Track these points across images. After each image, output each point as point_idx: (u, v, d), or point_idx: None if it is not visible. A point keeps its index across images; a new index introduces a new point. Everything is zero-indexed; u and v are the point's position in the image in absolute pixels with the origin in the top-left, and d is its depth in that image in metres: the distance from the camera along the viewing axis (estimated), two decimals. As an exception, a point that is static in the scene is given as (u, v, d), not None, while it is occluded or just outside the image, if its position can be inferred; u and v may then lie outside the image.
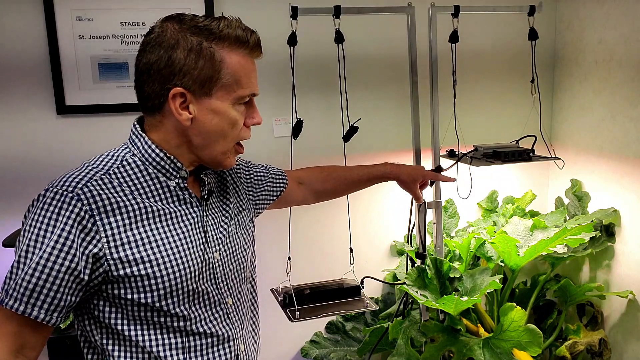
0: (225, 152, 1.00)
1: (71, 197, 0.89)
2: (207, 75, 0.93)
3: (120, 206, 0.92)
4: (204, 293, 1.00)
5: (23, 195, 1.82)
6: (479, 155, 1.86)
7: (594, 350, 1.93)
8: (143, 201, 0.95)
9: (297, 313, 1.65)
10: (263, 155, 2.00)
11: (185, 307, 0.97)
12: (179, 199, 1.00)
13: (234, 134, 0.99)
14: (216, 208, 1.08)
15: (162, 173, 0.98)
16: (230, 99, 0.96)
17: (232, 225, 1.10)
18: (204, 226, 1.02)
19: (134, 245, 0.92)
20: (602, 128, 2.05)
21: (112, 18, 1.81)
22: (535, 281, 2.12)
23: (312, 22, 1.81)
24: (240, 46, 0.95)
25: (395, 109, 2.13)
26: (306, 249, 2.09)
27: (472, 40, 2.14)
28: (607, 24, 2.00)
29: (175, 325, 0.97)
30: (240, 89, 0.96)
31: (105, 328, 0.96)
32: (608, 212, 2.00)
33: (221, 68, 0.94)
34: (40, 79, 1.80)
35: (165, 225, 0.96)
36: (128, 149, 0.99)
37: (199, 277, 0.99)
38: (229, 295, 1.06)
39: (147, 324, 0.96)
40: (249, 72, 0.97)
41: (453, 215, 2.17)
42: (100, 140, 1.87)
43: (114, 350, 0.97)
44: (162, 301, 0.94)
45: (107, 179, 0.94)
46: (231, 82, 0.95)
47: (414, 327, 1.80)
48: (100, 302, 0.94)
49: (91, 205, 0.90)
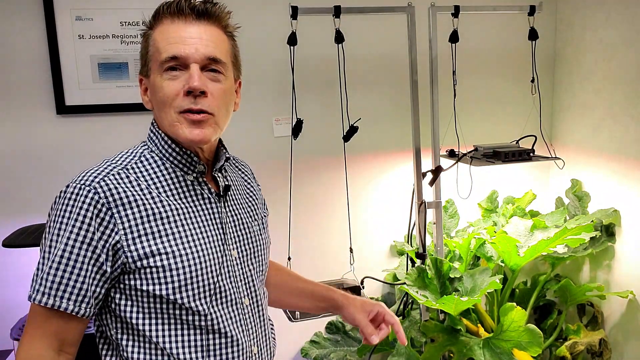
0: (171, 123, 0.96)
1: (88, 191, 0.91)
2: (144, 55, 0.99)
3: (137, 199, 0.93)
4: (221, 290, 1.00)
5: (23, 195, 1.82)
6: (479, 155, 1.86)
7: (594, 351, 1.93)
8: (159, 195, 0.96)
9: (297, 313, 1.65)
10: (263, 155, 2.01)
11: (201, 302, 0.97)
12: (197, 194, 1.00)
13: (168, 101, 0.95)
14: (239, 207, 1.08)
15: (179, 168, 0.99)
16: (156, 69, 0.96)
17: (255, 226, 1.10)
18: (221, 222, 1.02)
19: (150, 237, 0.93)
20: (602, 128, 2.05)
21: (112, 18, 1.81)
22: (536, 281, 2.12)
23: (312, 22, 1.81)
24: (164, 17, 0.96)
25: (395, 109, 2.12)
26: (306, 249, 2.09)
27: (472, 40, 2.13)
28: (607, 24, 2.00)
29: (190, 320, 0.97)
30: (161, 55, 0.95)
31: (120, 322, 0.97)
32: (608, 212, 2.00)
33: (149, 43, 0.97)
34: (40, 79, 1.80)
35: (182, 219, 0.97)
36: (146, 146, 1.02)
37: (216, 272, 0.99)
38: (245, 296, 1.05)
39: (162, 317, 0.96)
40: (169, 36, 0.95)
41: (453, 215, 2.17)
42: (100, 140, 1.87)
43: (128, 345, 0.97)
44: (177, 294, 0.94)
45: (124, 173, 0.95)
46: (154, 52, 0.96)
47: (414, 327, 1.80)
48: (117, 295, 0.95)
49: (108, 198, 0.91)
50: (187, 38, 0.94)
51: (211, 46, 0.96)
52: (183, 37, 0.94)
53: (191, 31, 0.95)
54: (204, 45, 0.95)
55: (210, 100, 0.95)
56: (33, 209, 1.82)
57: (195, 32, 0.95)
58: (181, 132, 0.95)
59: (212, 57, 0.96)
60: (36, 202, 1.82)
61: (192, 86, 0.93)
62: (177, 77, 0.94)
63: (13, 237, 1.60)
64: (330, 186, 2.10)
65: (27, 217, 1.79)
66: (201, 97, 0.94)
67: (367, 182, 2.14)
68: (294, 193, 1.87)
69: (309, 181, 2.08)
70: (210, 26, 0.97)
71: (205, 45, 0.95)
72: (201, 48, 0.94)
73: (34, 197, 1.82)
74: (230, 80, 1.01)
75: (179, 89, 0.94)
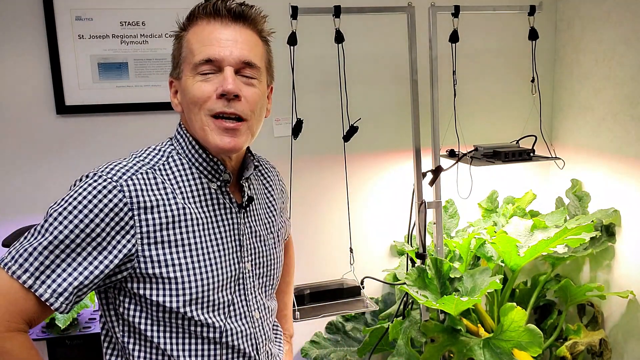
0: (201, 126, 0.93)
1: (114, 186, 0.87)
2: (176, 57, 0.96)
3: (160, 204, 0.91)
4: (231, 303, 0.98)
5: (23, 195, 1.82)
6: (479, 155, 1.86)
7: (595, 351, 1.93)
8: (182, 202, 0.93)
9: (297, 313, 1.65)
10: (263, 155, 2.00)
11: (211, 316, 0.95)
12: (219, 204, 0.98)
13: (199, 103, 0.92)
14: (257, 218, 1.06)
15: (204, 175, 0.97)
16: (189, 71, 0.93)
17: (270, 239, 1.08)
18: (239, 234, 1.00)
19: (167, 245, 0.91)
20: (602, 128, 2.05)
21: (111, 18, 1.81)
22: (536, 281, 2.12)
23: (312, 22, 1.81)
24: (199, 18, 0.95)
25: (395, 109, 2.12)
26: (306, 249, 2.09)
27: (472, 40, 2.13)
28: (607, 24, 1.99)
29: (199, 332, 0.95)
30: (194, 57, 0.92)
31: (128, 326, 0.95)
32: (608, 212, 1.99)
33: (182, 45, 0.95)
34: (40, 79, 1.80)
35: (201, 229, 0.94)
36: (173, 146, 0.99)
37: (228, 287, 0.97)
38: (256, 309, 1.03)
39: (171, 327, 0.94)
40: (204, 37, 0.92)
41: (453, 216, 2.17)
42: (100, 140, 1.87)
43: (135, 350, 0.95)
44: (187, 307, 0.92)
45: (152, 174, 0.93)
46: (188, 54, 0.94)
47: (414, 328, 1.80)
48: (126, 300, 0.93)
49: (132, 199, 0.88)
50: (222, 40, 0.92)
51: (246, 49, 0.93)
52: (218, 39, 0.92)
53: (227, 33, 0.93)
54: (239, 48, 0.93)
55: (243, 104, 0.93)
56: (33, 209, 1.82)
57: (231, 34, 0.93)
58: (211, 138, 0.92)
59: (247, 61, 0.93)
60: (36, 202, 1.82)
61: (226, 89, 0.90)
62: (210, 79, 0.92)
63: (13, 237, 1.60)
64: (330, 186, 2.10)
65: (27, 217, 1.79)
66: (235, 100, 0.92)
67: (367, 182, 2.14)
68: (294, 193, 1.87)
69: (309, 181, 2.08)
70: (246, 29, 0.95)
71: (241, 49, 0.93)
72: (236, 51, 0.92)
73: (34, 197, 1.82)
74: (263, 85, 0.98)
75: (212, 92, 0.91)
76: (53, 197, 0.93)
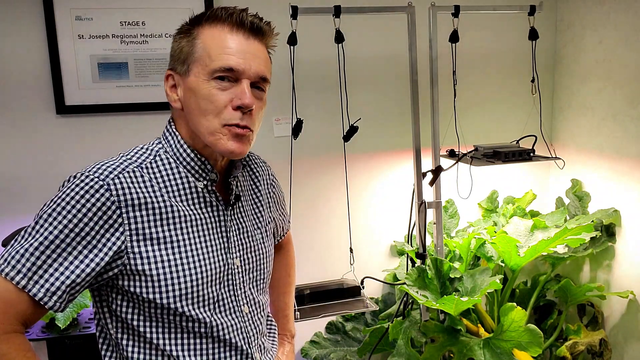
0: (212, 132, 0.94)
1: (100, 185, 0.89)
2: (185, 53, 0.96)
3: (147, 202, 0.93)
4: (220, 299, 1.00)
5: (22, 195, 1.82)
6: (479, 155, 1.86)
7: (595, 351, 1.93)
8: (169, 199, 0.95)
9: (297, 313, 1.65)
10: (263, 155, 2.00)
11: (201, 311, 0.97)
12: (205, 202, 1.00)
13: (214, 111, 0.93)
14: (244, 214, 1.07)
15: (191, 174, 0.99)
16: (204, 74, 0.94)
17: (258, 234, 1.09)
18: (227, 231, 1.02)
19: (155, 242, 0.92)
20: (602, 128, 2.05)
21: (111, 18, 1.81)
22: (536, 281, 2.12)
23: (312, 22, 1.81)
24: (219, 21, 0.95)
25: (395, 109, 2.12)
26: (306, 249, 2.09)
27: (472, 40, 2.13)
28: (607, 24, 1.99)
29: (191, 327, 0.97)
30: (212, 62, 0.93)
31: (121, 322, 0.97)
32: (608, 212, 1.99)
33: (195, 43, 0.95)
34: (40, 79, 1.80)
35: (189, 227, 0.96)
36: (161, 145, 1.00)
37: (216, 283, 0.99)
38: (245, 304, 1.05)
39: (163, 322, 0.96)
40: (224, 45, 0.93)
41: (453, 216, 2.17)
42: (99, 140, 1.87)
43: (129, 345, 0.97)
44: (177, 302, 0.94)
45: (139, 172, 0.94)
46: (203, 55, 0.94)
47: (414, 328, 1.80)
48: (119, 297, 0.95)
49: (120, 197, 0.90)
50: (246, 52, 0.94)
51: (263, 65, 0.97)
52: (242, 51, 0.94)
53: (249, 46, 0.95)
54: (257, 63, 0.96)
55: (253, 117, 0.96)
56: (33, 209, 1.81)
57: (253, 48, 0.96)
58: (222, 142, 0.94)
59: (263, 76, 0.97)
60: (36, 202, 1.82)
61: (245, 103, 0.93)
62: (226, 88, 0.94)
63: (12, 237, 1.60)
64: (330, 186, 2.10)
65: (27, 217, 1.79)
66: (248, 114, 0.95)
67: (367, 182, 2.14)
68: (294, 193, 1.87)
69: (309, 181, 2.08)
70: (261, 44, 0.98)
71: (258, 64, 0.96)
72: (255, 65, 0.95)
73: (33, 197, 1.82)
74: (265, 97, 1.02)
75: (227, 102, 0.93)
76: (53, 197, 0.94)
